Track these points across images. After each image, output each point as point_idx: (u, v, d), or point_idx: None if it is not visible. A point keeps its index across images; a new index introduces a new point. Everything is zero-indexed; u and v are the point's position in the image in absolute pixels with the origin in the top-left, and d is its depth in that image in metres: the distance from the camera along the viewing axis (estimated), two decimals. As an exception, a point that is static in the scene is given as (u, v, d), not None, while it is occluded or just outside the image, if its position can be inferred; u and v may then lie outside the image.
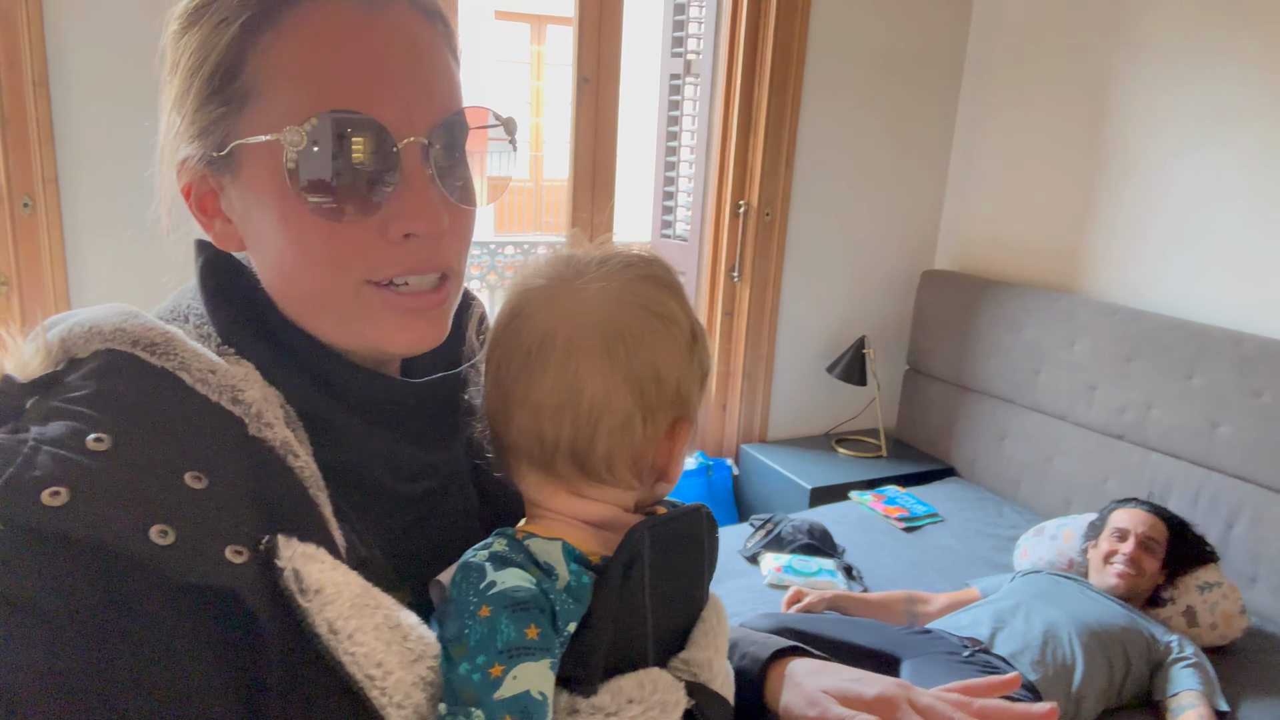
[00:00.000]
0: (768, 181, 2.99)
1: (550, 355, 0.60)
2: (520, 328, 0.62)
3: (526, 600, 0.55)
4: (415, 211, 0.55)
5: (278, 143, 0.54)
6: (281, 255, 0.57)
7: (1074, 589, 2.07)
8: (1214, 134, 2.47)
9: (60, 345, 0.52)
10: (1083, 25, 2.80)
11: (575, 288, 0.62)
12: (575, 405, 0.60)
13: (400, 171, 0.55)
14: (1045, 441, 2.82)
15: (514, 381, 0.61)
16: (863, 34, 3.01)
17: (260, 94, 0.55)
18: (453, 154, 0.58)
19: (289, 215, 0.55)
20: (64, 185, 2.13)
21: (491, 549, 0.58)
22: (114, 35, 2.08)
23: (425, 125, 0.56)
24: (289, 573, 0.48)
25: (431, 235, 0.56)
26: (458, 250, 0.60)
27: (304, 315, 0.59)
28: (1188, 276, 2.57)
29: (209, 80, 0.55)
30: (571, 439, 0.60)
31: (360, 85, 0.54)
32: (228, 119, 0.56)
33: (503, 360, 0.62)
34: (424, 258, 0.57)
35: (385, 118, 0.54)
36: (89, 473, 0.46)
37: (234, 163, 0.57)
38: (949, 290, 3.16)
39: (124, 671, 0.44)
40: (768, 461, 3.06)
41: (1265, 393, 2.25)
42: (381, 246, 0.56)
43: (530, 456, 0.62)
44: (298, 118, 0.53)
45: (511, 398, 0.61)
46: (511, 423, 0.62)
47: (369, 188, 0.55)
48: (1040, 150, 2.97)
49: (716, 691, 0.65)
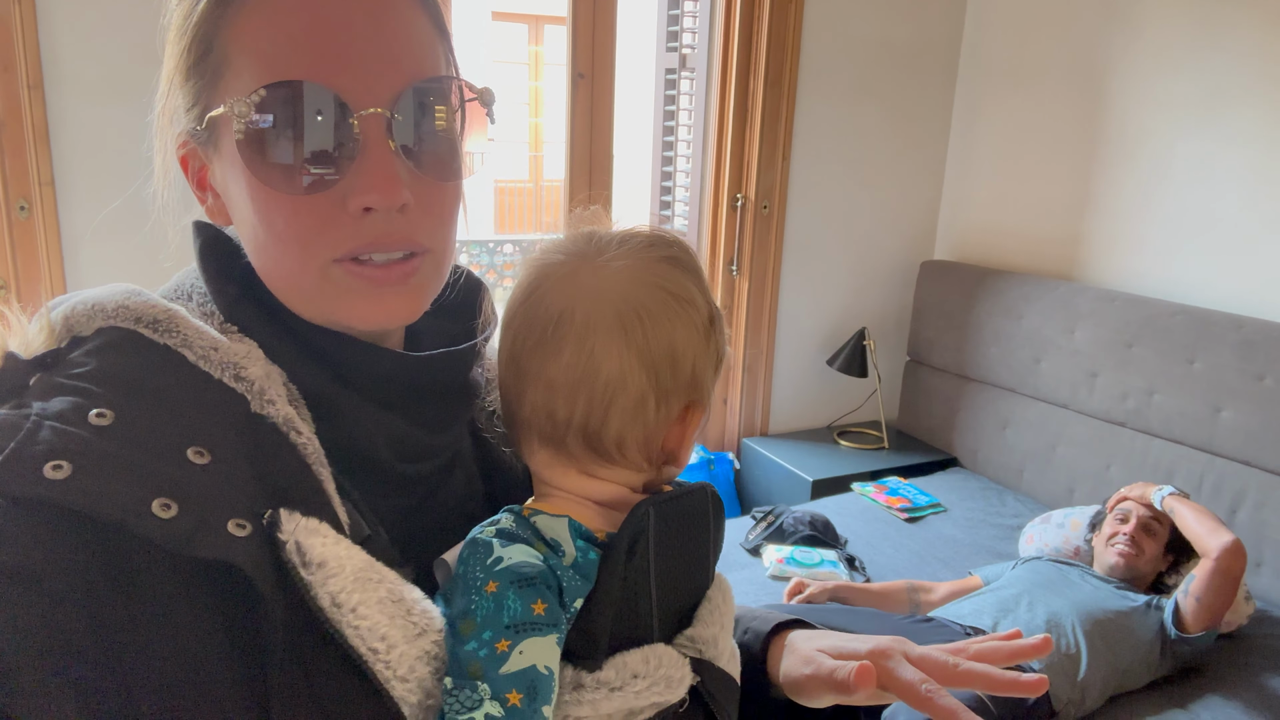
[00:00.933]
0: (765, 174, 2.99)
1: (567, 333, 0.59)
2: (538, 303, 0.61)
3: (533, 576, 0.55)
4: (371, 184, 0.54)
5: (231, 116, 0.53)
6: (255, 230, 0.56)
7: (1076, 575, 2.06)
8: (1211, 118, 2.46)
9: (64, 323, 0.52)
10: (1077, 12, 2.79)
11: (595, 265, 0.61)
12: (590, 384, 0.59)
13: (360, 143, 0.54)
14: (1047, 430, 2.81)
15: (529, 357, 0.60)
16: (857, 25, 3.01)
17: (228, 66, 0.54)
18: (421, 125, 0.56)
19: (253, 190, 0.55)
20: (60, 189, 2.14)
21: (499, 525, 0.58)
22: (108, 37, 2.09)
23: (388, 95, 0.54)
24: (291, 546, 0.48)
25: (389, 208, 0.55)
26: (429, 227, 0.58)
27: (280, 292, 0.59)
28: (1187, 261, 2.56)
29: (187, 53, 0.56)
30: (584, 418, 0.60)
31: (316, 54, 0.53)
32: (206, 93, 0.56)
33: (518, 335, 0.61)
34: (386, 232, 0.55)
35: (342, 87, 0.53)
36: (91, 447, 0.46)
37: (214, 137, 0.57)
38: (948, 280, 3.15)
39: (126, 644, 0.44)
40: (769, 455, 3.06)
41: (1267, 376, 2.24)
42: (343, 220, 0.55)
43: (541, 433, 0.62)
44: (250, 88, 0.53)
45: (526, 374, 0.61)
46: (524, 399, 0.61)
47: (325, 160, 0.54)
48: (1037, 138, 2.96)
49: (722, 669, 0.64)
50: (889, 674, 0.63)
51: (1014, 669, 0.62)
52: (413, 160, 0.56)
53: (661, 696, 0.58)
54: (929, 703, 0.60)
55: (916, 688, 0.61)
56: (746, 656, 0.73)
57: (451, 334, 0.68)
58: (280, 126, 0.53)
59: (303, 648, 0.48)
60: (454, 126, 0.59)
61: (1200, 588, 1.89)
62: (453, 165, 0.59)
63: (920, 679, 0.61)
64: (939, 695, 0.60)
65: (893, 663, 0.63)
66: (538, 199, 9.21)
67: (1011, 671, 0.60)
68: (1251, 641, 2.07)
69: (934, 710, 0.59)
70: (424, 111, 0.56)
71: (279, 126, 0.53)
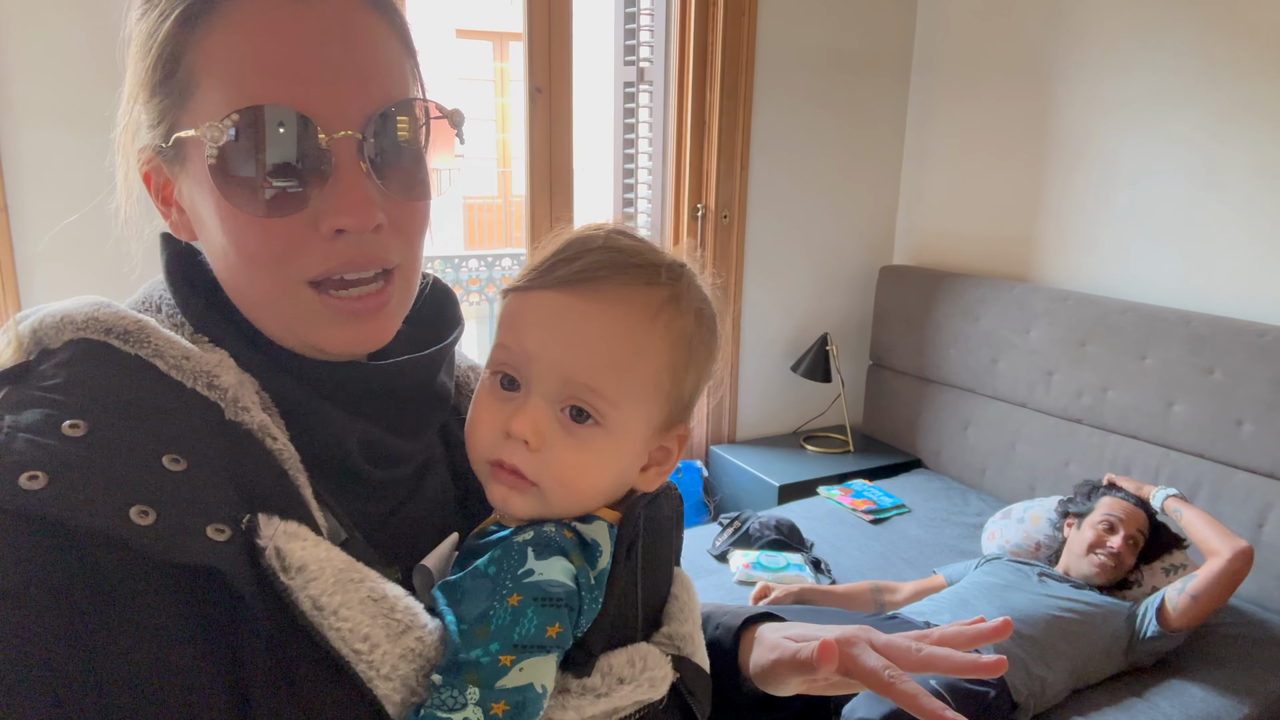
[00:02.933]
0: (724, 184, 3.02)
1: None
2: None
3: (560, 598, 0.54)
4: (343, 207, 0.54)
5: (203, 140, 0.53)
6: (225, 251, 0.56)
7: (1033, 574, 2.09)
8: (1156, 117, 2.52)
9: (31, 336, 0.52)
10: (1024, 16, 2.85)
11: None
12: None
13: (331, 165, 0.54)
14: (1007, 429, 2.86)
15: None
16: (810, 36, 3.05)
17: (197, 87, 0.54)
18: (392, 147, 0.57)
19: (223, 212, 0.55)
20: (13, 213, 2.12)
21: (540, 528, 0.58)
22: (61, 63, 2.08)
23: (359, 118, 0.55)
24: (271, 550, 0.48)
25: (361, 230, 0.55)
26: (399, 246, 0.59)
27: (249, 312, 0.59)
28: (1136, 259, 2.61)
29: (153, 71, 0.55)
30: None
31: (287, 77, 0.53)
32: (172, 111, 0.56)
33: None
34: (359, 252, 0.56)
35: (313, 110, 0.53)
36: (66, 457, 0.45)
37: (181, 155, 0.57)
38: (907, 284, 3.19)
39: (106, 652, 0.44)
40: (736, 462, 3.08)
41: (1216, 370, 2.29)
42: (315, 242, 0.55)
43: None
44: (222, 112, 0.53)
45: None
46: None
47: (297, 182, 0.54)
48: (989, 143, 3.02)
49: (697, 664, 0.66)
50: (853, 660, 0.63)
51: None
52: (384, 181, 0.56)
53: (645, 696, 0.59)
54: (891, 688, 0.60)
55: (880, 673, 0.61)
56: (718, 651, 0.74)
57: (418, 340, 0.68)
58: (252, 150, 0.53)
59: (285, 650, 0.48)
60: (423, 147, 0.59)
61: (1201, 587, 1.90)
62: (423, 185, 0.60)
63: (883, 665, 0.62)
64: (901, 680, 0.60)
65: (857, 649, 0.63)
66: (506, 214, 9.21)
67: (971, 654, 0.61)
68: (1211, 630, 2.11)
69: (896, 695, 0.60)
70: (394, 133, 0.57)
71: (251, 150, 0.53)
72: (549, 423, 0.58)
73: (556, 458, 0.58)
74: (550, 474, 0.58)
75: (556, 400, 0.59)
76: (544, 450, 0.58)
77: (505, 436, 0.59)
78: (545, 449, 0.58)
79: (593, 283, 0.59)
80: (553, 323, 0.59)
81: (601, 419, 0.59)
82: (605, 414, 0.59)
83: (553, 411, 0.59)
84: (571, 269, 0.60)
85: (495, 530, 0.60)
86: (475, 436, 0.61)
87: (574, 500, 0.60)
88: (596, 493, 0.61)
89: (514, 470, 0.58)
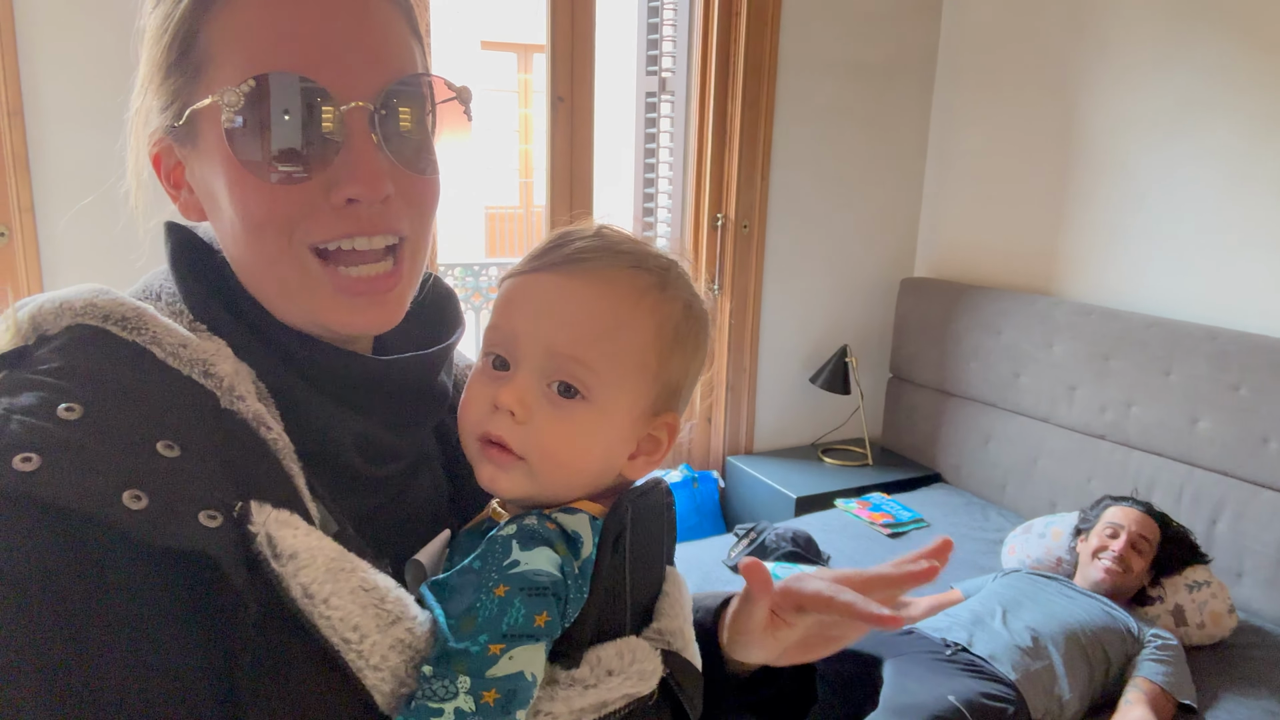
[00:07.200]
0: (744, 194, 3.01)
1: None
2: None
3: (545, 586, 0.55)
4: (354, 176, 0.55)
5: (220, 105, 0.55)
6: (232, 222, 0.57)
7: (1054, 589, 2.06)
8: (1181, 131, 2.50)
9: (30, 321, 0.53)
10: (1049, 29, 2.84)
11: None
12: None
13: (343, 135, 0.55)
14: (1028, 444, 2.82)
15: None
16: (833, 47, 3.05)
17: (211, 61, 0.56)
18: (403, 120, 0.58)
19: (234, 178, 0.56)
20: (40, 215, 2.15)
21: (522, 521, 0.58)
22: (88, 63, 2.11)
23: (372, 90, 0.56)
24: (262, 537, 0.48)
25: (372, 201, 0.56)
26: (410, 218, 0.60)
27: (256, 287, 0.59)
28: (1162, 274, 2.58)
29: (168, 52, 0.57)
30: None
31: (301, 49, 0.54)
32: (186, 90, 0.57)
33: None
34: (368, 220, 0.57)
35: (328, 81, 0.55)
36: (60, 440, 0.45)
37: (193, 131, 0.58)
38: (928, 297, 3.17)
39: (95, 636, 0.45)
40: (753, 473, 3.06)
41: (1242, 386, 2.26)
42: (324, 209, 0.56)
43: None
44: (237, 80, 0.54)
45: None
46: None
47: (309, 150, 0.55)
48: (1013, 155, 3.00)
49: (688, 660, 0.66)
50: (797, 593, 0.63)
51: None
52: (394, 153, 0.58)
53: (634, 689, 0.59)
54: (831, 601, 0.60)
55: (823, 591, 0.61)
56: (700, 632, 0.73)
57: (418, 338, 0.69)
58: (268, 117, 0.54)
59: (275, 637, 0.48)
60: (433, 123, 0.61)
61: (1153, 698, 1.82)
62: (432, 159, 0.61)
63: (826, 585, 0.62)
64: (840, 592, 0.60)
65: (801, 582, 0.64)
66: (527, 224, 9.27)
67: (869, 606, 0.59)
68: (1233, 652, 2.07)
69: (839, 607, 0.60)
70: (405, 106, 0.58)
71: (267, 117, 0.54)
72: (535, 396, 0.60)
73: (543, 430, 0.60)
74: (536, 446, 0.60)
75: (544, 375, 0.60)
76: (530, 422, 0.60)
77: (493, 410, 0.60)
78: (531, 421, 0.60)
79: (581, 263, 0.62)
80: (540, 300, 0.62)
81: (588, 392, 0.60)
82: (591, 387, 0.60)
83: (540, 386, 0.60)
84: (562, 253, 0.62)
85: (488, 525, 0.61)
86: (465, 413, 0.63)
87: (561, 477, 0.61)
88: (583, 469, 0.62)
89: (500, 443, 0.60)
